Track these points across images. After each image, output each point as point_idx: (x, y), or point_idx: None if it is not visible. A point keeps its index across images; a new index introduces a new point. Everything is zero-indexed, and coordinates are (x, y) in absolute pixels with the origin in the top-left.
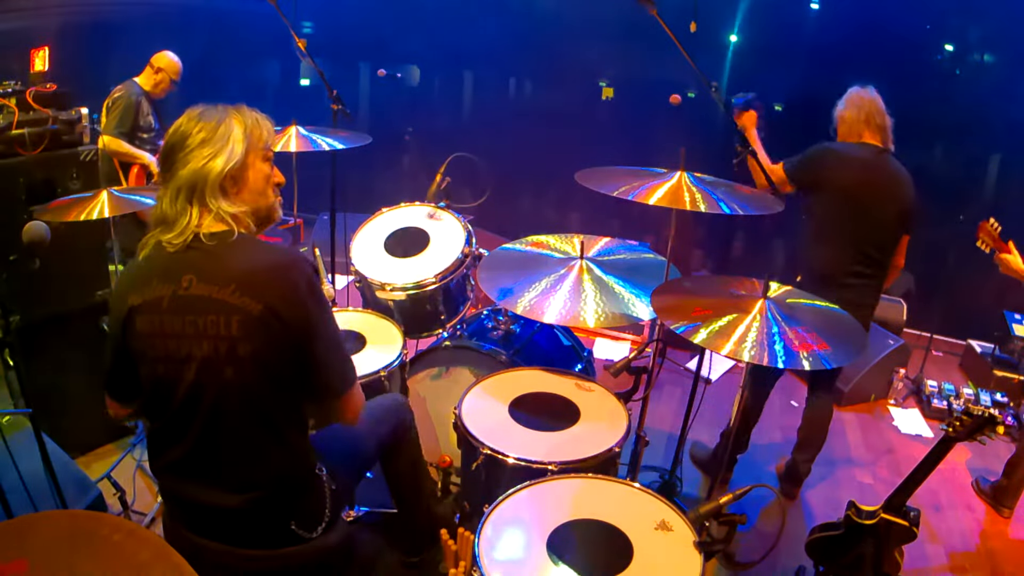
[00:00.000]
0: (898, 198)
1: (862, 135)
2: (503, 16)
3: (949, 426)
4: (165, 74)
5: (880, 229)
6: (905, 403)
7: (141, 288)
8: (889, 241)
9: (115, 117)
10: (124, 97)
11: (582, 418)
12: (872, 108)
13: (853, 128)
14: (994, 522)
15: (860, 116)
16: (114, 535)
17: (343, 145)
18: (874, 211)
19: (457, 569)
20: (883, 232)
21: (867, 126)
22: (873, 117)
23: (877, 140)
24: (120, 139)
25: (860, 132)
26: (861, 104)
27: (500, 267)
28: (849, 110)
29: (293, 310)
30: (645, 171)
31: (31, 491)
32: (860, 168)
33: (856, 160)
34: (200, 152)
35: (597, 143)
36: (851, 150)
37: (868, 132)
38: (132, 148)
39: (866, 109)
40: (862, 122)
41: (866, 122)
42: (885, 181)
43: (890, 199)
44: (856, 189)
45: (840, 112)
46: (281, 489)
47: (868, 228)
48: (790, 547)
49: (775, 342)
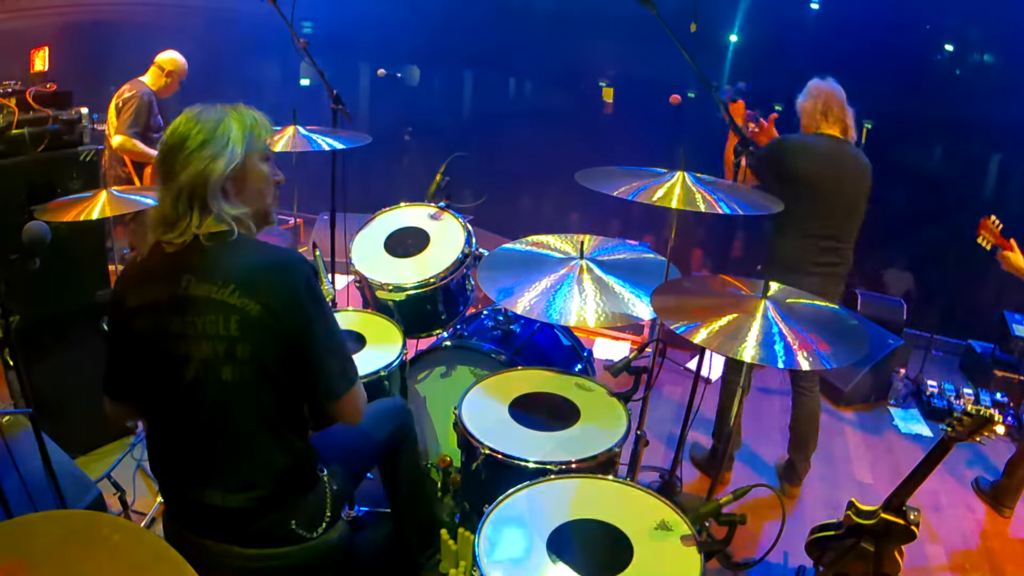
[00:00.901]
0: (858, 186)
1: (819, 126)
2: (503, 16)
3: (949, 426)
4: (174, 76)
5: (841, 218)
6: (905, 403)
7: (140, 289)
8: (851, 229)
9: (129, 116)
10: (136, 96)
11: (582, 418)
12: (829, 98)
13: (811, 119)
14: (994, 522)
15: (817, 106)
16: (114, 535)
17: (343, 145)
18: (834, 200)
19: (457, 569)
20: (844, 221)
21: (824, 117)
22: (831, 108)
23: (836, 130)
24: (134, 138)
25: (818, 123)
26: (818, 95)
27: (500, 267)
28: (807, 101)
29: (292, 310)
30: (645, 171)
31: (31, 491)
32: (819, 158)
33: (814, 150)
34: (200, 154)
35: (597, 143)
36: (809, 140)
37: (826, 123)
38: (146, 147)
39: (823, 100)
40: (819, 112)
41: (823, 112)
42: (844, 170)
43: (850, 188)
44: (815, 179)
45: (800, 104)
46: (281, 489)
47: (829, 217)
48: (790, 547)
49: (775, 342)
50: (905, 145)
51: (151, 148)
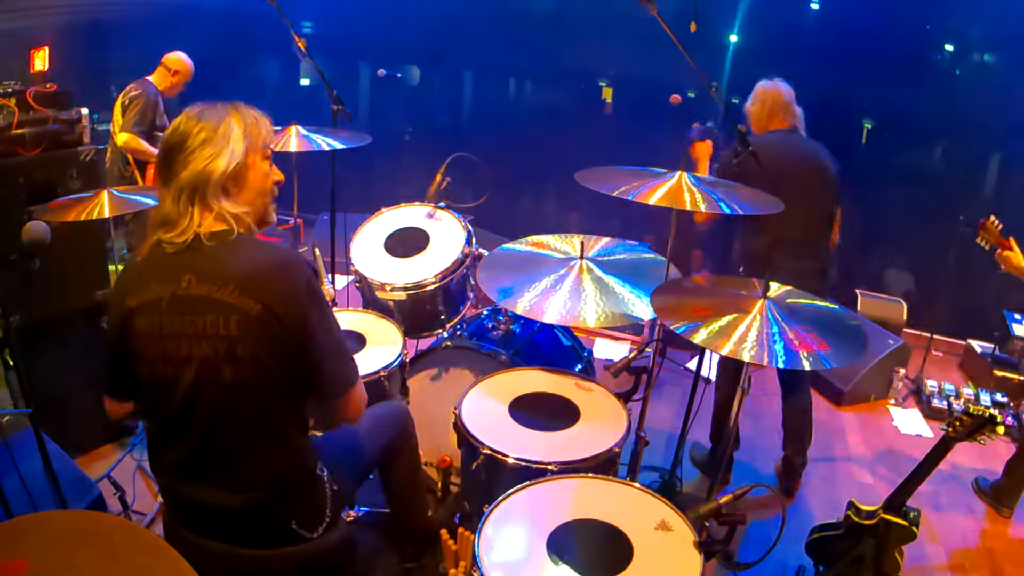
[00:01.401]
0: (820, 172)
1: (767, 127)
2: (503, 16)
3: (949, 426)
4: (181, 77)
5: (806, 208)
6: (905, 403)
7: (140, 288)
8: (820, 216)
9: (135, 114)
10: (143, 95)
11: (582, 418)
12: (775, 101)
13: (759, 122)
14: (994, 522)
15: (764, 110)
16: (114, 535)
17: (343, 145)
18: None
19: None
20: (810, 210)
21: (771, 119)
22: (776, 110)
23: (785, 126)
24: (139, 137)
25: (765, 126)
26: (764, 98)
27: (500, 267)
28: (754, 105)
29: (292, 310)
30: (645, 171)
31: (31, 491)
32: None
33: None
34: (201, 153)
35: (597, 143)
36: (758, 140)
37: (773, 124)
38: (150, 147)
39: (769, 103)
40: (766, 116)
41: (769, 115)
42: (799, 159)
43: (808, 175)
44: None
45: (747, 108)
46: (282, 489)
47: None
48: (790, 547)
49: (775, 342)
50: (905, 145)
51: (155, 147)
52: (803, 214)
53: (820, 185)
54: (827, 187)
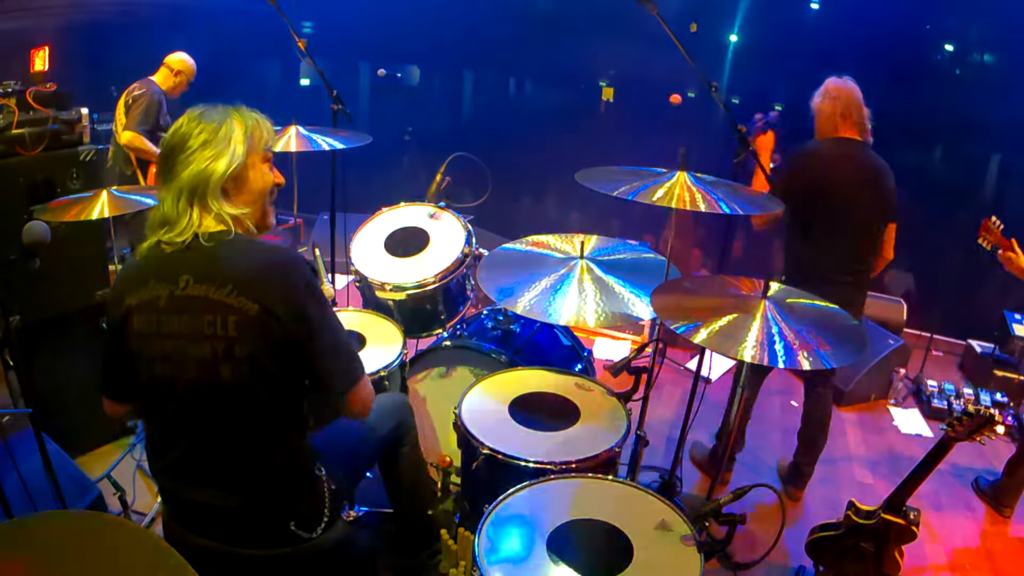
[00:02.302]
0: (878, 191)
1: (838, 128)
2: (503, 16)
3: (949, 426)
4: (184, 77)
5: (863, 225)
6: (905, 403)
7: (138, 288)
8: (873, 235)
9: (139, 113)
10: (147, 94)
11: (582, 418)
12: (849, 100)
13: (829, 121)
14: (994, 522)
15: (836, 108)
16: (114, 535)
17: (343, 145)
18: (855, 208)
19: (457, 569)
20: (866, 228)
21: (844, 119)
22: (850, 110)
23: (854, 133)
24: (143, 136)
25: (836, 125)
26: (838, 96)
27: (500, 267)
28: (825, 102)
29: (290, 311)
30: (645, 171)
31: (31, 491)
32: (836, 166)
33: (831, 158)
34: (202, 154)
35: (597, 143)
36: (826, 148)
37: (844, 125)
38: (153, 146)
39: (842, 101)
40: (838, 115)
41: (843, 115)
42: (864, 176)
43: (870, 193)
44: (834, 188)
45: (817, 104)
46: (280, 489)
47: (850, 225)
48: (790, 547)
49: (775, 342)
50: (905, 145)
51: (158, 147)
52: (858, 228)
53: (877, 202)
54: (883, 204)
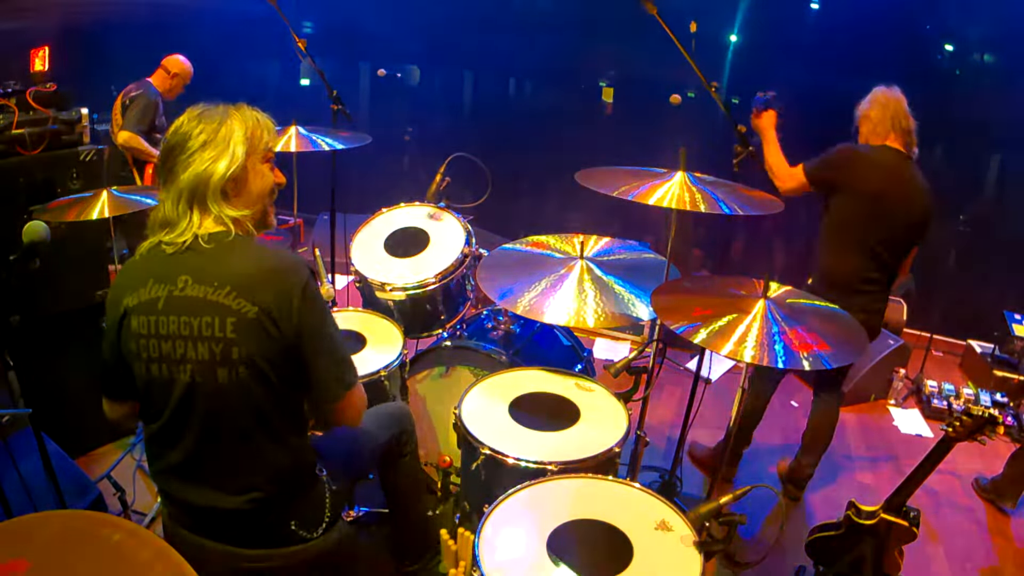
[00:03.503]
0: (917, 208)
1: (887, 137)
2: (503, 16)
3: (949, 426)
4: (180, 79)
5: (896, 237)
6: (905, 403)
7: (137, 289)
8: (902, 249)
9: (136, 114)
10: (144, 95)
11: (582, 418)
12: (898, 109)
13: (877, 128)
14: (994, 522)
15: (886, 116)
16: (114, 535)
17: (343, 145)
18: (892, 219)
19: (457, 569)
20: (898, 240)
21: (892, 128)
22: (899, 119)
23: (900, 144)
24: (139, 136)
25: (885, 134)
26: (887, 104)
27: (500, 267)
28: (874, 109)
29: (288, 313)
30: (645, 171)
31: (31, 491)
32: (883, 174)
33: (880, 166)
34: (202, 155)
35: (597, 143)
36: (875, 154)
37: (893, 135)
38: (149, 146)
39: (892, 109)
40: (887, 123)
41: (892, 124)
42: (906, 190)
43: (909, 208)
44: (878, 195)
45: (864, 111)
46: (281, 490)
47: (885, 235)
48: (790, 547)
49: (775, 342)
50: None
51: (154, 148)
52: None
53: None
54: (919, 223)
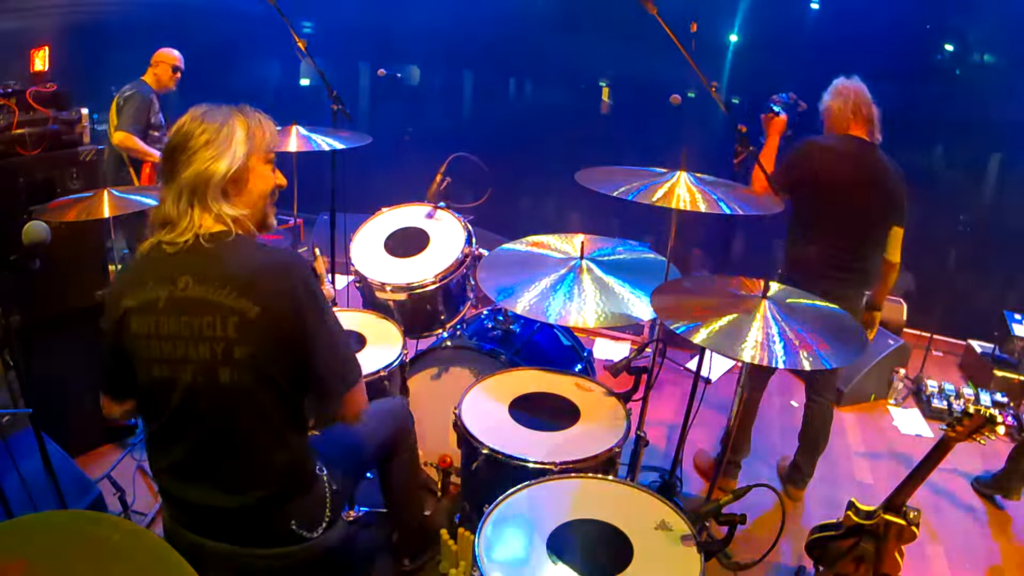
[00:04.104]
0: (883, 191)
1: (849, 127)
2: (503, 16)
3: (949, 426)
4: (164, 65)
5: (862, 223)
6: (905, 403)
7: (137, 289)
8: (872, 235)
9: (130, 113)
10: (137, 94)
11: (582, 418)
12: (858, 98)
13: (840, 119)
14: (994, 522)
15: (847, 106)
16: (114, 535)
17: (343, 145)
18: (855, 205)
19: (457, 569)
20: (865, 226)
21: (854, 117)
22: (860, 107)
23: (863, 132)
24: (135, 135)
25: (847, 123)
26: (847, 94)
27: (500, 267)
28: (835, 101)
29: (290, 312)
30: (645, 171)
31: (31, 491)
32: (842, 162)
33: (838, 153)
34: (203, 154)
35: (597, 143)
36: (834, 143)
37: (855, 123)
38: (145, 145)
39: (852, 99)
40: (849, 112)
41: (853, 113)
42: (869, 174)
43: (874, 193)
44: (838, 183)
45: (826, 103)
46: (281, 489)
47: (849, 222)
48: (790, 547)
49: (775, 342)
50: (905, 145)
51: (150, 146)
52: (859, 226)
53: (881, 202)
54: (887, 205)
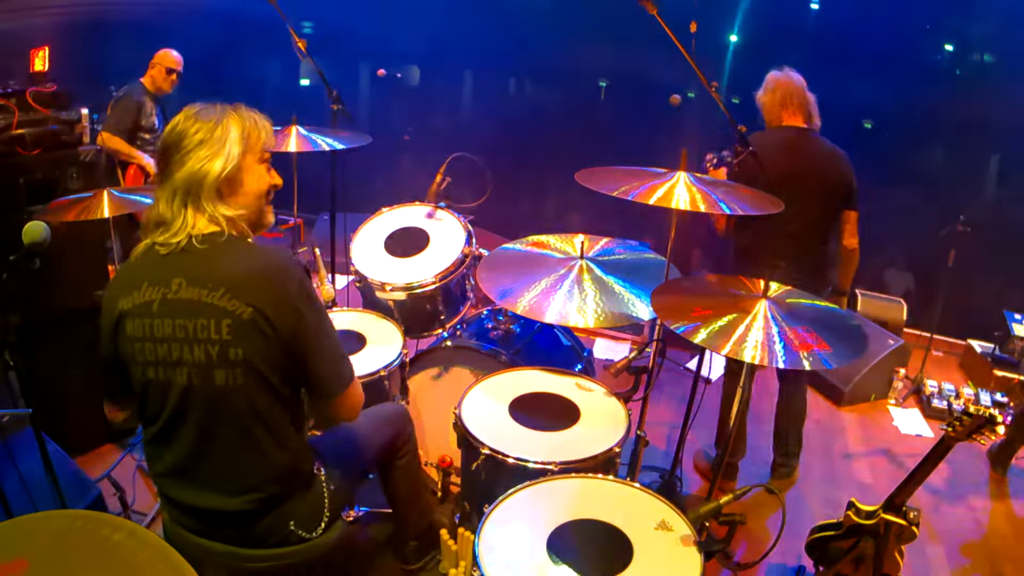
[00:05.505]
0: (824, 175)
1: (781, 118)
2: (503, 16)
3: (949, 426)
4: (160, 66)
5: (807, 210)
6: (905, 403)
7: (131, 291)
8: (818, 220)
9: (115, 115)
10: (127, 96)
11: (582, 418)
12: (787, 89)
13: (771, 112)
14: (994, 522)
15: (776, 99)
16: (114, 535)
17: (343, 145)
18: (796, 193)
19: (457, 569)
20: (811, 212)
21: (784, 108)
22: (790, 98)
23: (800, 120)
24: (118, 136)
25: (779, 115)
26: (776, 86)
27: (500, 267)
28: (765, 95)
29: (283, 313)
30: (645, 171)
31: (31, 491)
32: (778, 152)
33: (779, 145)
34: (197, 153)
35: (597, 143)
36: (773, 135)
37: (786, 114)
38: (129, 147)
39: (781, 90)
40: (778, 105)
41: (782, 104)
42: (803, 161)
43: (814, 177)
44: (774, 173)
45: (760, 99)
46: (280, 489)
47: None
48: (790, 547)
49: (775, 342)
50: (905, 145)
51: (137, 150)
52: (800, 214)
53: (820, 187)
54: (829, 190)
